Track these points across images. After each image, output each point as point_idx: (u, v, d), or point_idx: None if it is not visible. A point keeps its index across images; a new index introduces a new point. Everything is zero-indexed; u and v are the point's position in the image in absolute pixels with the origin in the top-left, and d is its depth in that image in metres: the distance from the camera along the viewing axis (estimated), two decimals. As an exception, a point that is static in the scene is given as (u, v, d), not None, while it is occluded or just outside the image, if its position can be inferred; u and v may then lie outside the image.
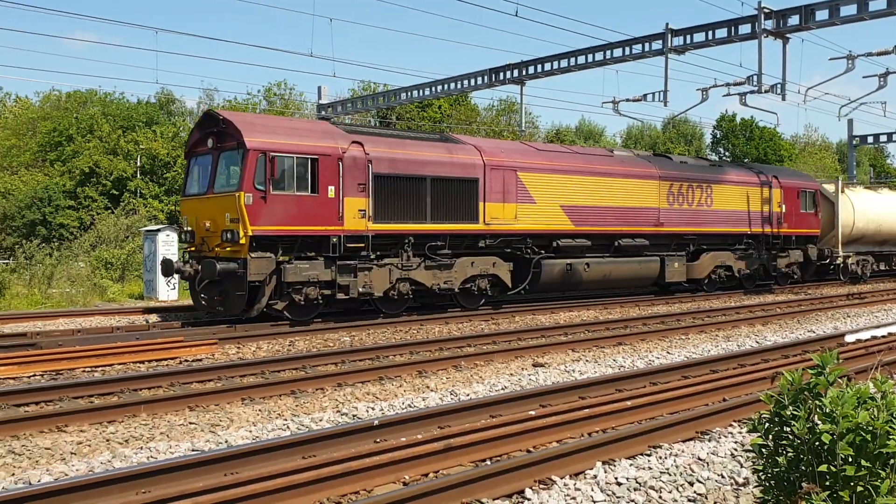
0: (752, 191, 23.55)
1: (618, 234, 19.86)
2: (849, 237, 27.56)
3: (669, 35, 20.82)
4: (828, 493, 3.67)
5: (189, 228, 15.39)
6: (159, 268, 17.28)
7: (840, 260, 27.29)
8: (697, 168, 22.74)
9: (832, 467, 3.67)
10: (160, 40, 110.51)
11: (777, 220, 24.19)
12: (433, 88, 27.45)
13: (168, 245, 20.52)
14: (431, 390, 9.36)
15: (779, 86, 20.33)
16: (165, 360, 11.41)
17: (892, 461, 3.63)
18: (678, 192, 21.33)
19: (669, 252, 21.30)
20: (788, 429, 3.88)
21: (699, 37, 20.57)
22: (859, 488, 3.63)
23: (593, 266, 19.18)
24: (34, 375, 10.27)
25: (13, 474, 6.12)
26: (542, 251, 18.40)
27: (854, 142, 39.84)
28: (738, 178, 23.42)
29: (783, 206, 24.41)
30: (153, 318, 16.33)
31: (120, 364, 11.00)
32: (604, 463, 6.09)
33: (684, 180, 21.62)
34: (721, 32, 20.19)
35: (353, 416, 7.95)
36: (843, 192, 27.48)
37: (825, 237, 26.93)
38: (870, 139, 40.36)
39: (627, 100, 24.83)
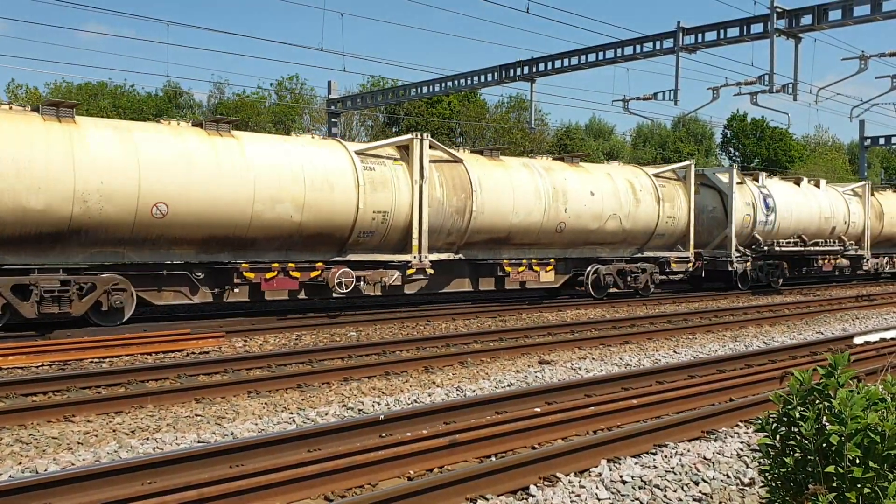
0: None
1: None
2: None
3: (681, 33, 20.77)
4: (834, 494, 3.64)
5: None
6: None
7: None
8: None
9: (840, 468, 3.65)
10: (171, 33, 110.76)
11: None
12: (443, 84, 27.45)
13: None
14: (437, 386, 9.37)
15: (790, 86, 20.28)
16: (172, 352, 11.46)
17: (900, 463, 3.61)
18: None
19: None
20: (796, 429, 3.86)
21: (711, 35, 20.53)
22: (866, 490, 3.61)
23: None
24: (43, 365, 10.32)
25: (20, 463, 6.15)
26: None
27: (866, 143, 39.68)
28: None
29: None
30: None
31: (127, 355, 11.06)
32: (609, 461, 6.08)
33: None
34: (733, 31, 20.14)
35: (359, 410, 7.96)
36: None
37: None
38: (881, 140, 40.20)
39: (638, 98, 24.79)
